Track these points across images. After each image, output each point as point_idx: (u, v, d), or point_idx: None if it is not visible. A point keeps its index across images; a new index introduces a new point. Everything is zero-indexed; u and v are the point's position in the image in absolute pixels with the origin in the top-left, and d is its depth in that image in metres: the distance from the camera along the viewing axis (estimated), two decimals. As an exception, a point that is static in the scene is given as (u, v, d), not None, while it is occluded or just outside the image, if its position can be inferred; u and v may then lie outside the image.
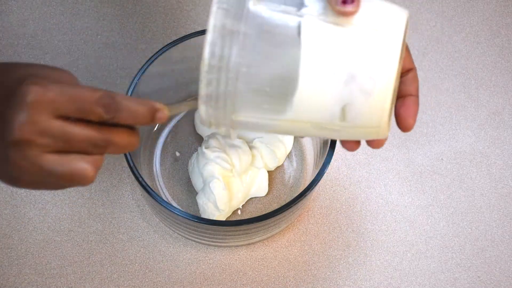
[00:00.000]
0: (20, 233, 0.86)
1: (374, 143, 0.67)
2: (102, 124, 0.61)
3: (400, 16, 0.61)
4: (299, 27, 0.59)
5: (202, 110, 0.62)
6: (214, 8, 0.60)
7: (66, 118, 0.60)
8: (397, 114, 0.66)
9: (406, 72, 0.66)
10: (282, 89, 0.60)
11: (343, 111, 0.60)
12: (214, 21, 0.60)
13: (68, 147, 0.60)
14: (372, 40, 0.59)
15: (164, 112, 0.62)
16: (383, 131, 0.61)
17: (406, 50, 0.66)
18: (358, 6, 0.59)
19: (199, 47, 0.82)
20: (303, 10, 0.59)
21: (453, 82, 0.94)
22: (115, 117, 0.60)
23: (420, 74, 0.81)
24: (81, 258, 0.86)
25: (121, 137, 0.62)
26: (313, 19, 0.59)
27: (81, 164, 0.61)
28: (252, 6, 0.59)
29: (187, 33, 0.82)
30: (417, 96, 0.67)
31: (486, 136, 0.91)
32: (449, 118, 0.92)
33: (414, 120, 0.66)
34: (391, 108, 0.61)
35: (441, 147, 0.91)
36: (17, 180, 0.62)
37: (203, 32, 0.81)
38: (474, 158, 0.91)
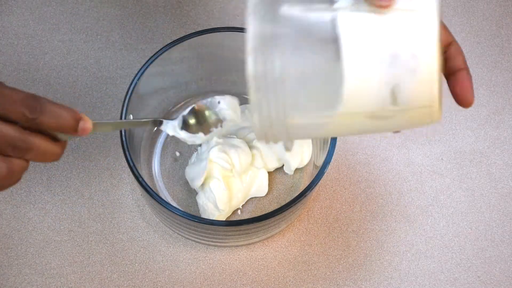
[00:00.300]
0: (20, 233, 0.86)
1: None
2: (25, 128, 0.60)
3: None
4: (334, 20, 0.60)
5: (256, 120, 0.63)
6: (250, 16, 0.61)
7: None
8: (454, 93, 0.65)
9: (447, 47, 0.66)
10: (329, 84, 0.61)
11: (393, 93, 0.60)
12: (253, 29, 0.61)
13: None
14: (407, 19, 0.60)
15: (87, 123, 0.62)
16: (436, 112, 0.62)
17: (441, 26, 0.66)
18: None
19: (199, 47, 0.83)
20: (336, 5, 0.61)
21: (453, 82, 0.94)
22: (39, 119, 0.60)
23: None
24: (81, 258, 0.85)
25: (42, 143, 0.61)
26: (346, 11, 0.61)
27: None
28: (286, 10, 0.61)
29: (187, 33, 0.82)
30: (466, 68, 0.65)
31: (486, 136, 0.91)
32: (449, 118, 0.92)
33: (473, 94, 0.64)
34: (439, 86, 0.61)
35: (441, 147, 0.91)
36: None
37: (203, 32, 0.81)
38: (474, 158, 0.90)
